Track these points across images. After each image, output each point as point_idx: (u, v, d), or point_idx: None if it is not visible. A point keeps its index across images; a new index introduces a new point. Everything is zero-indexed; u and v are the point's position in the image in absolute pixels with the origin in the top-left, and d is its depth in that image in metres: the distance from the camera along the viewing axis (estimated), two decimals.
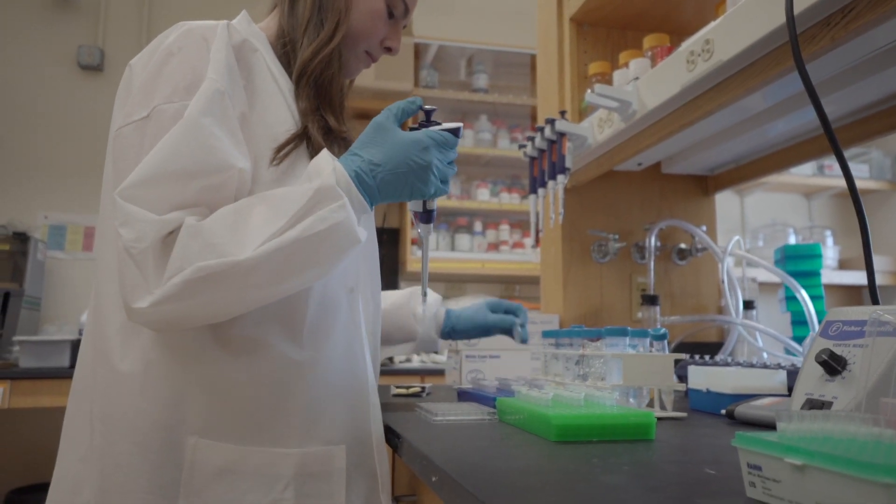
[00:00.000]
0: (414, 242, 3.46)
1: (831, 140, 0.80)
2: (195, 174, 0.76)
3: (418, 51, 3.66)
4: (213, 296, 0.74)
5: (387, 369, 2.86)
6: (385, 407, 1.18)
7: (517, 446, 0.74)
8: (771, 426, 0.88)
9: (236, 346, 0.84)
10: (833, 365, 0.62)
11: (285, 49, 0.96)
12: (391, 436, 0.90)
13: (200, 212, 0.77)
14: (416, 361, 3.14)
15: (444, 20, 3.78)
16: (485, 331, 1.32)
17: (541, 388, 0.95)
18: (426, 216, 0.92)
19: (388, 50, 1.02)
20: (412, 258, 3.46)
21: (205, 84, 0.81)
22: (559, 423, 0.75)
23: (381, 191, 0.83)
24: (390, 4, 0.98)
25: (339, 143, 0.94)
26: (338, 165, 0.80)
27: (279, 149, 0.87)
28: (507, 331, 1.31)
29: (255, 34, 0.94)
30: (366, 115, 3.71)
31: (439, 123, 0.87)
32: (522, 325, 1.31)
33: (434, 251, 3.47)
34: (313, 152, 0.90)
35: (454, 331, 1.31)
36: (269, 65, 0.92)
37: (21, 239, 2.92)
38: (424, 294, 1.01)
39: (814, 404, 0.63)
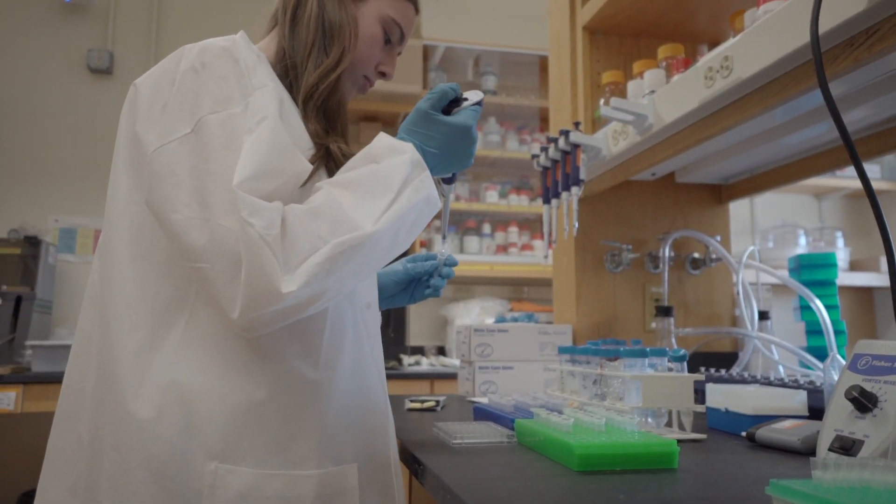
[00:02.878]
0: (423, 245, 3.46)
1: (856, 164, 0.79)
2: (280, 172, 0.81)
3: (426, 52, 3.65)
4: (352, 268, 0.78)
5: (394, 373, 2.85)
6: (400, 423, 1.18)
7: (540, 477, 0.73)
8: (793, 451, 0.88)
9: (254, 367, 0.83)
10: (863, 402, 0.61)
11: (286, 72, 0.95)
12: (411, 460, 0.90)
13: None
14: (425, 365, 3.14)
15: (452, 21, 3.76)
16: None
17: (560, 412, 0.95)
18: (450, 178, 1.00)
19: (383, 75, 1.03)
20: None
21: (269, 90, 0.85)
22: (582, 453, 0.75)
23: (433, 170, 0.89)
24: (387, 30, 0.99)
25: None
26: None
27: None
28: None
29: (257, 54, 0.94)
30: (374, 118, 3.71)
31: (466, 99, 0.92)
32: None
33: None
34: (331, 173, 0.90)
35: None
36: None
37: (32, 243, 2.92)
38: (444, 237, 1.11)
39: (844, 442, 0.62)
